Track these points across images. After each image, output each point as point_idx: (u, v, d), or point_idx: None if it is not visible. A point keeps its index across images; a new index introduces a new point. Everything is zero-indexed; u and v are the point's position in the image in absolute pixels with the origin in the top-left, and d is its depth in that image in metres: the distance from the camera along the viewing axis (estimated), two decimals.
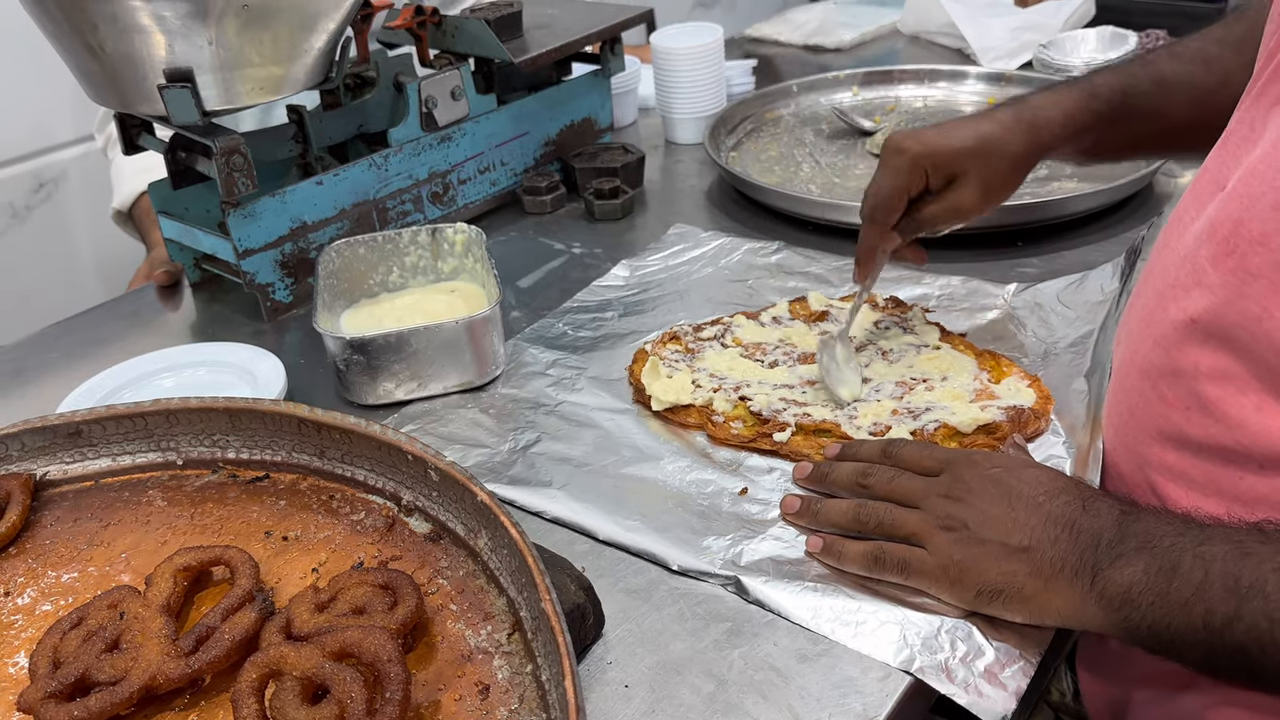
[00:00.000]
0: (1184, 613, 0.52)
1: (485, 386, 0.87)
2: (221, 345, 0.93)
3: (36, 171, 1.68)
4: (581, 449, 0.78)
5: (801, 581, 0.64)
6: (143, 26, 0.85)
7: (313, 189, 1.02)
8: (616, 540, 0.69)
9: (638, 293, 1.01)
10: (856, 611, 0.61)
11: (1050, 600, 0.57)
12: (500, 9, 1.16)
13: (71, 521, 0.71)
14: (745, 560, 0.66)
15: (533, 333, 0.96)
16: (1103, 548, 0.56)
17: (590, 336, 0.94)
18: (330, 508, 0.69)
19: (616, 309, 0.98)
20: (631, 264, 1.06)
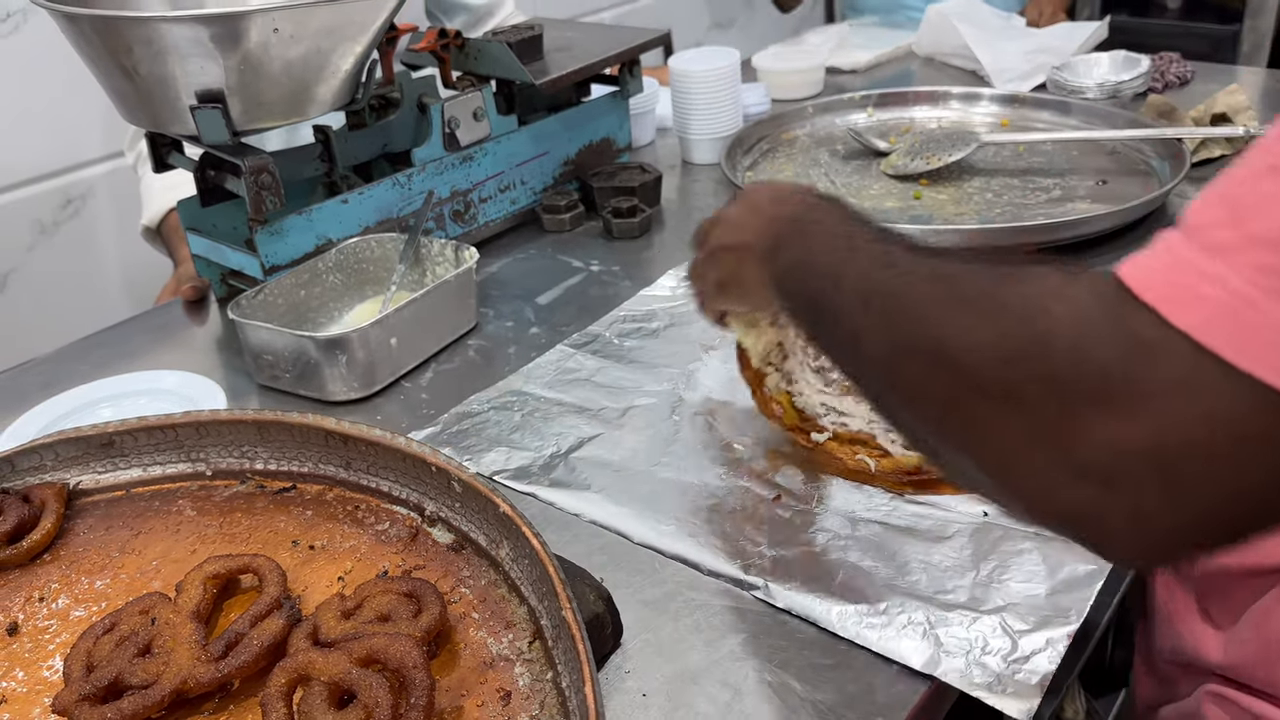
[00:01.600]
0: (802, 290, 0.58)
1: (518, 392, 0.89)
2: (161, 373, 0.95)
3: (65, 188, 1.71)
4: (621, 454, 0.81)
5: (829, 585, 0.66)
6: (176, 49, 0.87)
7: (338, 207, 1.04)
8: (650, 544, 0.72)
9: (683, 304, 1.03)
10: (884, 612, 0.63)
11: (754, 281, 0.65)
12: (522, 32, 1.18)
13: (104, 530, 0.72)
14: (775, 567, 0.68)
15: (578, 340, 0.98)
16: (782, 242, 0.61)
17: (635, 345, 0.97)
18: (356, 518, 0.71)
19: (663, 319, 1.01)
20: (678, 273, 1.08)
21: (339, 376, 0.90)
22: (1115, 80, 1.45)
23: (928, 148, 1.27)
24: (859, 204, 1.21)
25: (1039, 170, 1.25)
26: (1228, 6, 2.89)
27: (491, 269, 1.16)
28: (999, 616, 0.62)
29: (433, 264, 1.05)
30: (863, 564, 0.67)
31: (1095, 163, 1.26)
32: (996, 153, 1.30)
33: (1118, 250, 1.07)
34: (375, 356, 0.91)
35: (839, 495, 0.74)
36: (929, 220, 1.15)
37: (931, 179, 1.25)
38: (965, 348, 0.43)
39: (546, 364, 0.94)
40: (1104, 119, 1.33)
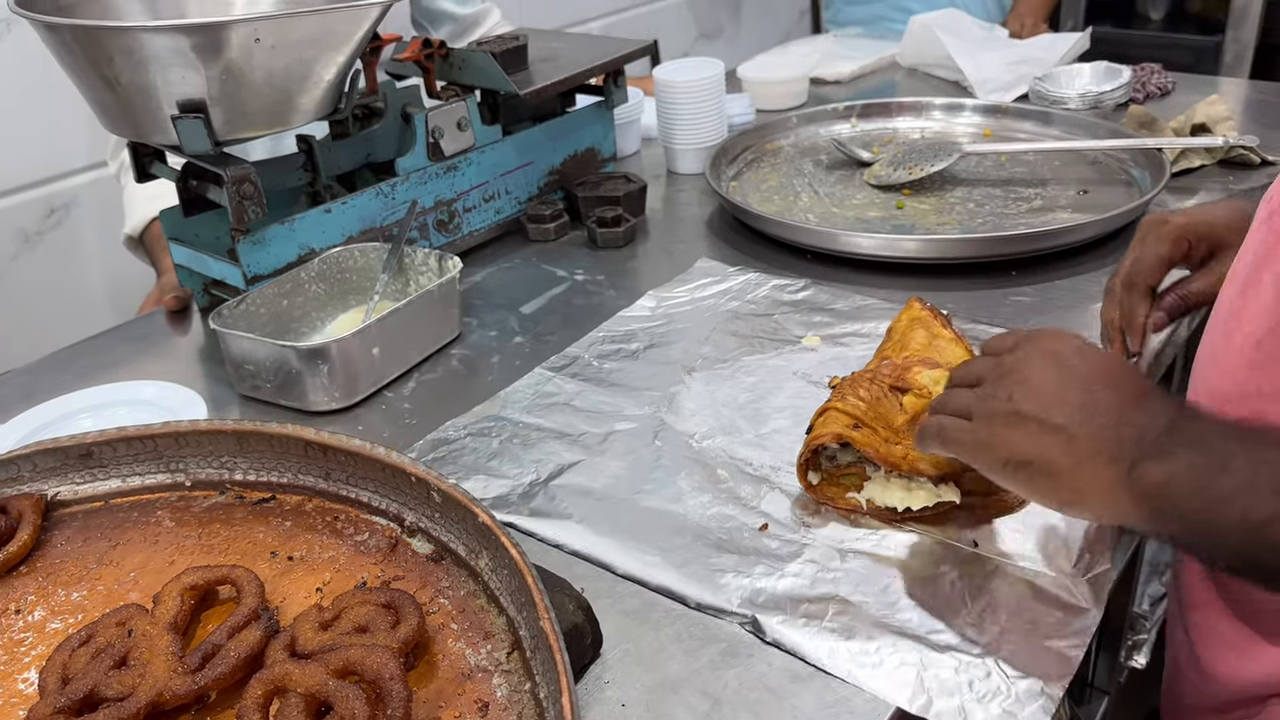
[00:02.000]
0: (1223, 507, 0.51)
1: (496, 417, 0.89)
2: (141, 384, 0.94)
3: (48, 197, 1.70)
4: (603, 481, 0.79)
5: (820, 622, 0.64)
6: (158, 59, 0.87)
7: (321, 217, 1.04)
8: (635, 575, 0.69)
9: (663, 324, 1.02)
10: (875, 652, 0.62)
11: (1079, 481, 0.56)
12: (506, 42, 1.18)
13: (81, 541, 0.72)
14: (763, 599, 0.66)
15: (556, 362, 0.97)
16: (1147, 441, 0.55)
17: (615, 368, 0.95)
18: (335, 529, 0.71)
19: (642, 340, 1.00)
20: (658, 295, 1.07)
21: (320, 387, 0.90)
22: (1097, 91, 1.46)
23: (910, 158, 1.28)
24: (842, 214, 1.22)
25: (1021, 180, 1.26)
26: (1210, 18, 2.92)
27: (475, 278, 1.16)
28: (992, 659, 0.61)
29: (416, 273, 1.05)
30: (852, 598, 0.66)
31: (1077, 172, 1.27)
32: (979, 163, 1.31)
33: (1099, 259, 1.07)
34: (357, 366, 0.91)
35: (827, 524, 0.73)
36: (911, 230, 1.16)
37: (914, 189, 1.26)
38: None
39: (524, 388, 0.93)
40: (1085, 129, 1.34)
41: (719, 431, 0.84)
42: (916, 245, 1.07)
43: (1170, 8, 3.07)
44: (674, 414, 0.87)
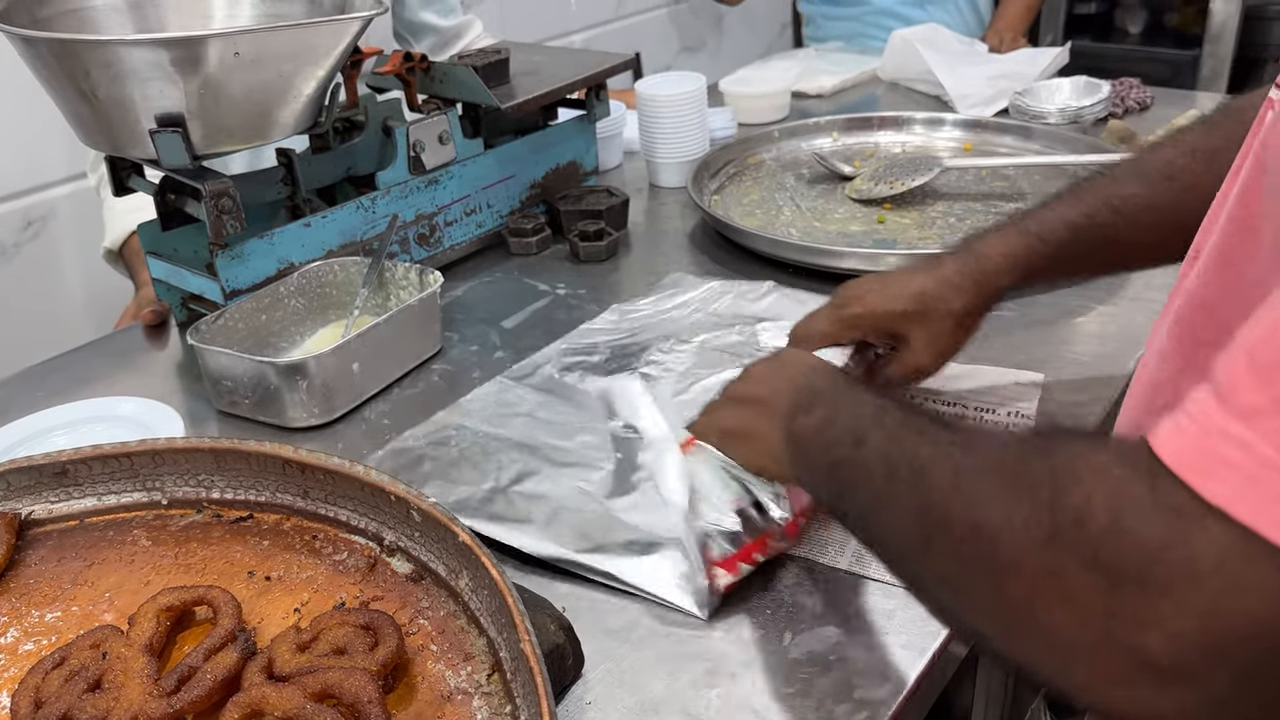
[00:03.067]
0: (823, 454, 0.58)
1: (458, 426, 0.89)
2: (118, 399, 0.93)
3: (26, 210, 1.69)
4: (564, 490, 0.79)
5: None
6: (135, 73, 0.87)
7: (301, 231, 1.04)
8: (596, 566, 0.70)
9: (625, 337, 1.02)
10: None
11: (770, 439, 0.65)
12: (488, 56, 1.18)
13: (56, 561, 0.71)
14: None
15: (518, 371, 0.97)
16: (803, 402, 0.63)
17: (577, 379, 0.95)
18: (313, 548, 0.70)
19: (603, 352, 0.99)
20: (621, 308, 1.07)
21: (299, 403, 0.89)
22: (1076, 105, 1.47)
23: (892, 172, 1.28)
24: (824, 228, 1.22)
25: (1002, 194, 1.27)
26: (1187, 32, 2.95)
27: (457, 292, 1.16)
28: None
29: (397, 288, 1.04)
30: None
31: (1057, 187, 1.26)
32: (960, 177, 1.31)
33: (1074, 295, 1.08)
34: (336, 382, 0.91)
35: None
36: (893, 245, 1.16)
37: (895, 203, 1.26)
38: (1001, 525, 0.41)
39: (484, 396, 0.92)
40: (1065, 144, 1.35)
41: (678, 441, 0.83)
42: (898, 260, 1.07)
43: (1148, 22, 3.10)
44: (635, 424, 0.86)
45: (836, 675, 0.62)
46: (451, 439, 0.87)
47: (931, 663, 0.63)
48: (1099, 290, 1.03)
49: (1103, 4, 3.12)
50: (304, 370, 0.88)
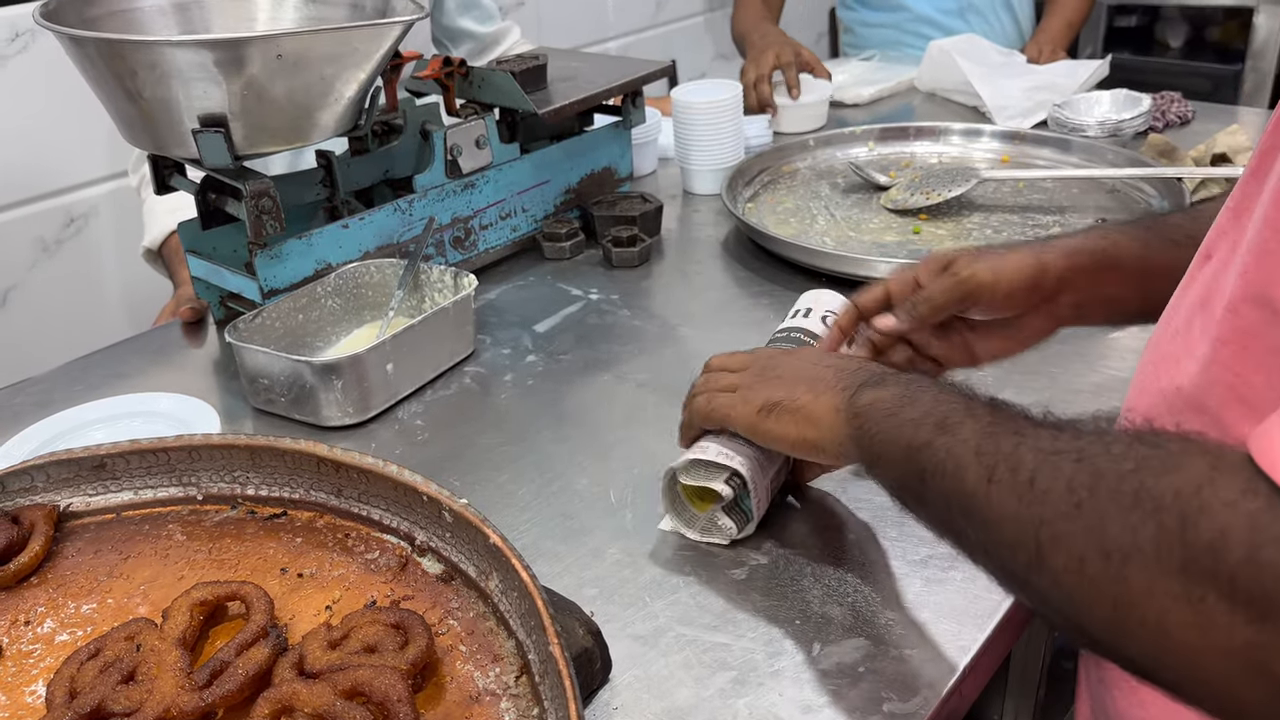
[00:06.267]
0: (898, 432, 0.57)
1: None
2: (156, 395, 0.94)
3: (68, 206, 1.72)
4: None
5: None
6: (180, 73, 0.88)
7: (338, 232, 1.04)
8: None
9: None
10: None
11: (816, 410, 0.65)
12: (526, 61, 1.19)
13: (92, 553, 0.72)
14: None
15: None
16: (869, 376, 0.64)
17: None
18: (345, 546, 0.71)
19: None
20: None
21: (334, 402, 0.90)
22: (1116, 119, 1.46)
23: (928, 183, 1.28)
24: (858, 238, 1.22)
25: (1038, 207, 1.26)
26: (1229, 46, 2.91)
27: (490, 296, 1.16)
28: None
29: (432, 290, 1.05)
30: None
31: (1095, 200, 1.26)
32: (996, 189, 1.31)
33: None
34: (371, 382, 0.91)
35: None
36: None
37: (931, 214, 1.25)
38: (1129, 551, 0.42)
39: None
40: (1104, 157, 1.33)
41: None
42: None
43: (1189, 36, 3.06)
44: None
45: (866, 687, 0.62)
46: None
47: (963, 676, 0.63)
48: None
49: (1143, 17, 3.09)
50: (339, 370, 0.89)
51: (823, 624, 0.66)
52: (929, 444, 0.54)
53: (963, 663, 0.63)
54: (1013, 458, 0.48)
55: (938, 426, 0.54)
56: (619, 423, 0.92)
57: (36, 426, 0.90)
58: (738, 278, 1.17)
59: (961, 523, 0.52)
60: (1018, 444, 0.49)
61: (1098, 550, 0.43)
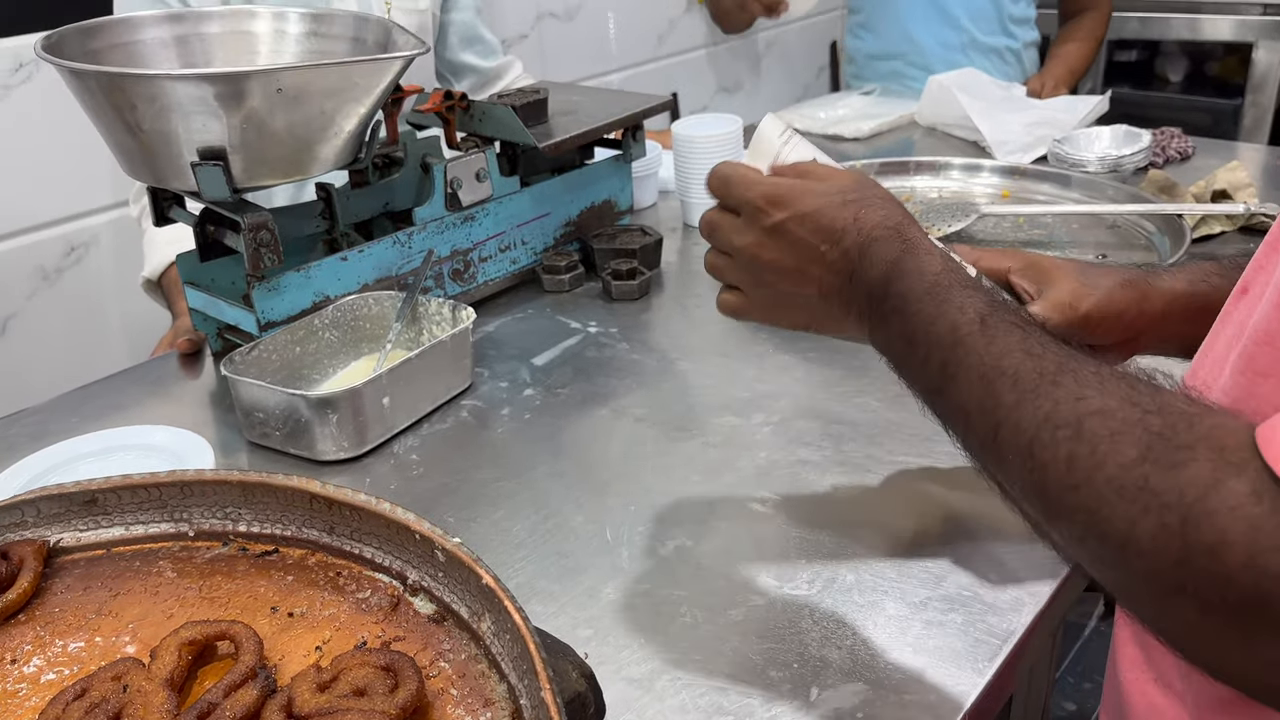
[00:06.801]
0: (910, 375, 0.61)
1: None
2: (150, 428, 0.94)
3: (69, 235, 1.72)
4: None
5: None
6: (180, 107, 0.88)
7: (337, 264, 1.04)
8: None
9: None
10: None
11: (846, 329, 0.67)
12: (527, 95, 1.19)
13: (82, 590, 0.71)
14: None
15: None
16: (873, 305, 0.62)
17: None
18: (336, 585, 0.70)
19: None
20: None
21: (329, 436, 0.89)
22: (1116, 154, 1.46)
23: (928, 218, 1.28)
24: None
25: (1039, 242, 1.25)
26: (1229, 81, 2.93)
27: (489, 328, 1.16)
28: None
29: (430, 323, 1.04)
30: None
31: (1096, 236, 1.26)
32: (997, 224, 1.30)
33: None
34: (367, 416, 0.91)
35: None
36: None
37: None
38: (1126, 537, 0.43)
39: None
40: (1105, 193, 1.33)
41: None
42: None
43: (1189, 70, 3.08)
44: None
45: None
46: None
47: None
48: None
49: (1143, 52, 3.11)
50: (335, 404, 0.88)
51: (820, 667, 0.65)
52: (941, 392, 0.56)
53: (963, 708, 0.62)
54: (1012, 418, 0.49)
55: (941, 372, 0.55)
56: (616, 458, 0.91)
57: (30, 459, 0.90)
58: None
59: (981, 462, 0.54)
60: (1017, 399, 0.50)
61: (1099, 533, 0.44)
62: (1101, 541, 0.44)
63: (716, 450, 0.91)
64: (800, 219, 0.65)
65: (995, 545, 0.75)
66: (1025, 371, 0.50)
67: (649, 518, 0.82)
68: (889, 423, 0.92)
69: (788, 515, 0.81)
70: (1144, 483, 0.42)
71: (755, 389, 1.00)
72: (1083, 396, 0.47)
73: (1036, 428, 0.48)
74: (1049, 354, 0.51)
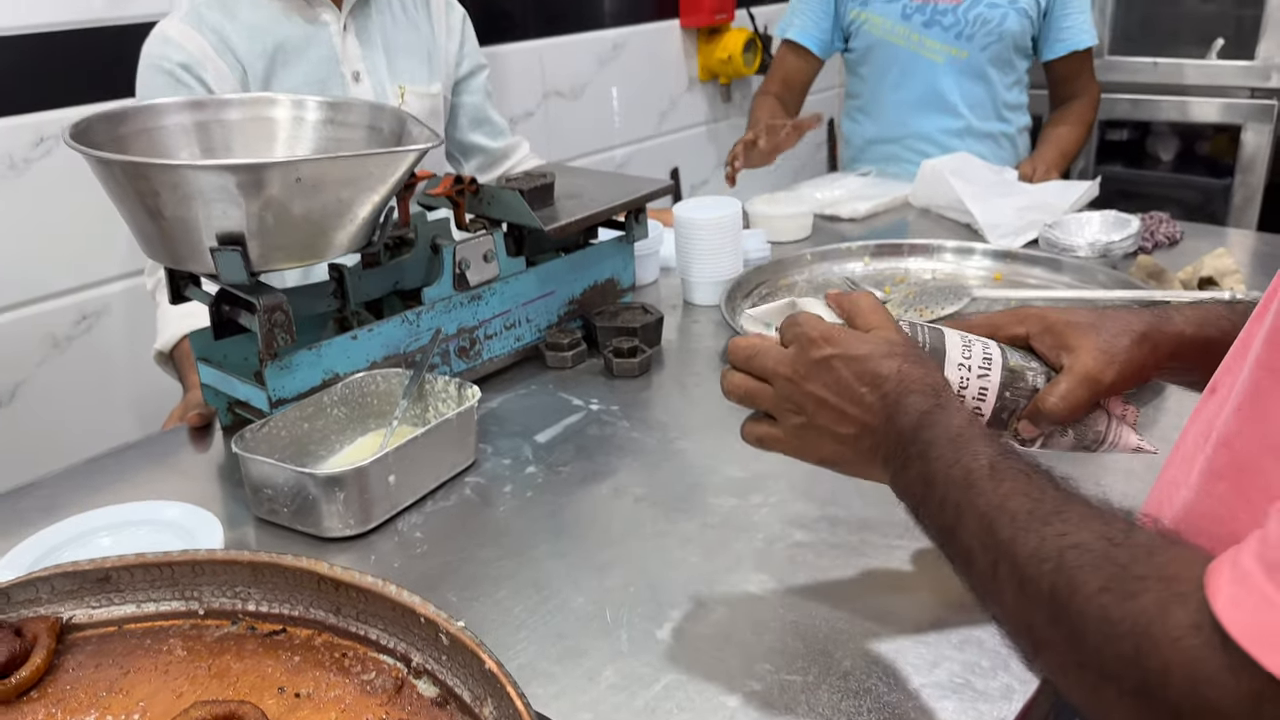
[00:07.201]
0: (926, 519, 0.64)
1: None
2: (164, 504, 0.96)
3: (81, 304, 1.75)
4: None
5: None
6: (202, 194, 0.92)
7: (347, 343, 1.07)
8: None
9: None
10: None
11: (871, 474, 0.72)
12: (534, 180, 1.23)
13: (93, 667, 0.73)
14: None
15: None
16: (900, 450, 0.67)
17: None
18: (342, 665, 0.71)
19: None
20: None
21: (336, 514, 0.92)
22: (1106, 240, 1.50)
23: (921, 300, 1.31)
24: None
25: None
26: (1219, 161, 2.99)
27: (492, 404, 1.19)
28: None
29: (435, 400, 1.07)
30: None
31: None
32: (989, 307, 1.34)
33: None
34: (373, 494, 0.93)
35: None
36: None
37: None
38: (1099, 664, 0.46)
39: None
40: (1095, 277, 1.37)
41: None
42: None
43: (1180, 150, 3.15)
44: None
45: None
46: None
47: None
48: None
49: (1135, 132, 3.18)
50: (343, 482, 0.91)
51: None
52: (951, 531, 0.60)
53: None
54: (1007, 553, 0.53)
55: (955, 513, 0.59)
56: (616, 538, 0.93)
57: (43, 534, 0.92)
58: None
59: (983, 600, 0.58)
60: (1012, 535, 0.53)
61: (1075, 662, 0.48)
62: (1081, 672, 0.47)
63: (714, 531, 0.93)
64: (847, 360, 0.70)
65: (987, 633, 0.77)
66: (1022, 511, 0.54)
67: (648, 599, 0.84)
68: (882, 508, 0.94)
69: (784, 598, 0.83)
70: (1104, 612, 0.45)
71: (753, 469, 1.02)
72: (1065, 533, 0.51)
73: (1025, 561, 0.51)
74: (1047, 497, 0.55)
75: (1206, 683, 0.42)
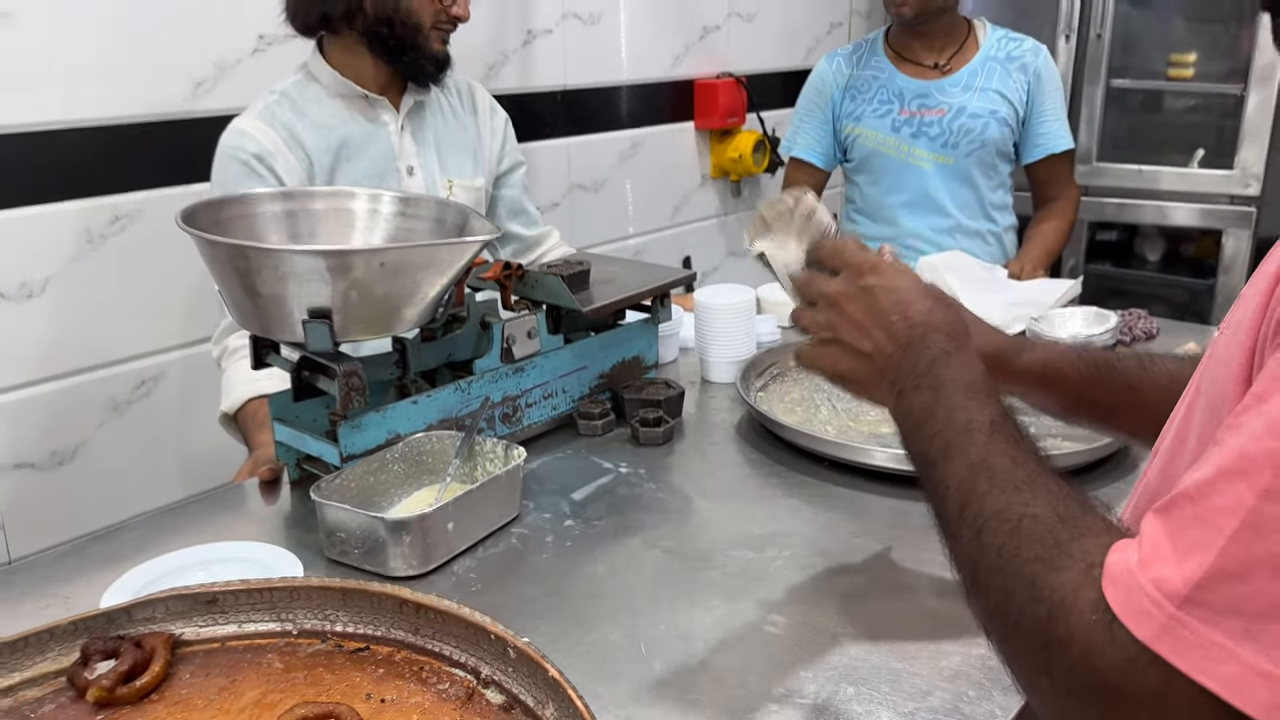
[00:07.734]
0: (918, 446, 0.73)
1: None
2: (249, 544, 1.08)
3: (140, 370, 1.88)
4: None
5: None
6: (295, 274, 1.06)
7: (408, 407, 1.21)
8: None
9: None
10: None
11: (874, 394, 0.81)
12: (573, 266, 1.38)
13: (203, 676, 0.84)
14: None
15: None
16: (907, 380, 0.76)
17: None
18: (420, 677, 0.83)
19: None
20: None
21: (401, 555, 1.04)
22: (1087, 333, 1.64)
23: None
24: (857, 428, 1.38)
25: (1015, 409, 1.41)
26: (1203, 262, 3.15)
27: (532, 465, 1.32)
28: None
29: (484, 459, 1.20)
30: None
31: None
32: None
33: (1087, 484, 1.21)
34: (434, 538, 1.05)
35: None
36: None
37: None
38: (1019, 617, 0.57)
39: None
40: None
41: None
42: None
43: (1166, 251, 3.30)
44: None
45: None
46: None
47: None
48: None
49: (1123, 233, 3.35)
50: (409, 527, 1.03)
51: None
52: (934, 464, 0.69)
53: None
54: (977, 503, 0.63)
55: (943, 450, 0.68)
56: (646, 585, 1.05)
57: (140, 568, 1.04)
58: (750, 458, 1.32)
59: (943, 530, 0.68)
60: (987, 490, 0.63)
61: (1001, 610, 0.59)
62: (1003, 619, 0.58)
63: (734, 579, 1.05)
64: (886, 290, 0.81)
65: (974, 667, 0.89)
66: (1003, 471, 0.64)
67: (676, 635, 0.95)
68: (883, 559, 1.06)
69: (796, 636, 0.94)
70: (1032, 578, 0.56)
71: (769, 527, 1.14)
72: (1029, 502, 0.61)
73: (990, 516, 0.62)
74: (1029, 465, 0.64)
75: (1097, 652, 0.51)
